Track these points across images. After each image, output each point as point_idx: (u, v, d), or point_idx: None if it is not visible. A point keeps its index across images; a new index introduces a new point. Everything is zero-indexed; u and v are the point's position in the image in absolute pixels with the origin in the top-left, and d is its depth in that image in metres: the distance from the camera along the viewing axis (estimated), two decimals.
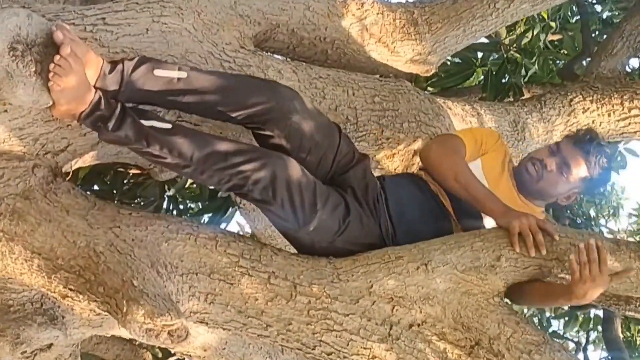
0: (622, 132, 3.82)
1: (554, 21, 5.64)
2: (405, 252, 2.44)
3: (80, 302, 2.33)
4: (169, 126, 2.37)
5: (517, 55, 5.11)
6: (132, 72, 2.28)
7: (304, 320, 2.36)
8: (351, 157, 2.67)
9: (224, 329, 2.42)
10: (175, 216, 3.51)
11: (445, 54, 3.66)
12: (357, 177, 2.64)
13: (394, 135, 3.15)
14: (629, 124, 3.80)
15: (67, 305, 2.51)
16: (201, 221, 5.19)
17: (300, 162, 2.48)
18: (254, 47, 2.95)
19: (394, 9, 3.42)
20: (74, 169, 2.64)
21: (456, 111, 3.49)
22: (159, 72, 2.32)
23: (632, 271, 2.38)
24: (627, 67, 4.18)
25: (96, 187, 4.51)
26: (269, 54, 3.15)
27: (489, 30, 3.69)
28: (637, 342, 7.31)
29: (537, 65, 5.26)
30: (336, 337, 2.36)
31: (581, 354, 6.85)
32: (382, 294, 2.37)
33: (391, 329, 2.35)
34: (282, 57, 3.29)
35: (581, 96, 3.82)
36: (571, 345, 7.07)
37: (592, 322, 6.34)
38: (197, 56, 2.61)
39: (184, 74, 2.36)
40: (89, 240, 2.31)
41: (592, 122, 3.75)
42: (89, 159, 2.63)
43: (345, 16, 3.23)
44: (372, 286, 2.38)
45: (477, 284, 2.40)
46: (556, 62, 5.89)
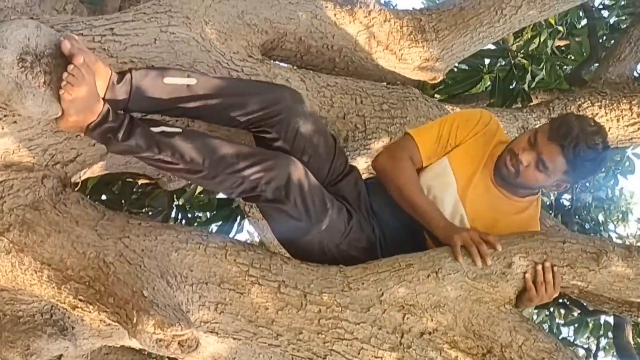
0: (631, 138, 3.80)
1: (561, 26, 5.63)
2: (415, 259, 2.43)
3: (90, 312, 2.33)
4: (179, 130, 2.37)
5: (525, 61, 5.10)
6: (141, 81, 2.28)
7: (314, 329, 2.35)
8: (344, 167, 2.70)
9: (234, 339, 2.41)
10: (184, 226, 3.51)
11: (452, 61, 3.65)
12: (349, 186, 2.67)
13: None
14: (638, 129, 3.79)
15: (77, 316, 2.51)
16: (210, 230, 5.21)
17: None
18: (261, 55, 2.96)
19: (401, 16, 3.42)
20: (82, 179, 2.64)
21: None
22: (168, 80, 2.32)
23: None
24: (635, 72, 4.16)
25: (105, 197, 4.51)
26: (276, 63, 3.15)
27: (496, 36, 3.69)
28: None
29: (544, 71, 5.24)
30: (347, 346, 2.35)
31: None
32: (393, 302, 2.36)
33: (402, 337, 2.34)
34: (289, 65, 3.29)
35: (589, 102, 3.81)
36: (581, 352, 7.03)
37: (603, 329, 6.30)
38: (205, 65, 2.61)
39: (193, 81, 2.36)
40: (98, 250, 2.31)
41: None
42: (97, 169, 2.64)
43: (352, 24, 3.23)
44: (382, 294, 2.37)
45: (488, 292, 2.39)
46: (563, 67, 5.88)
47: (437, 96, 5.20)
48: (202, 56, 2.63)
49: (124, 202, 4.46)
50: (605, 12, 5.82)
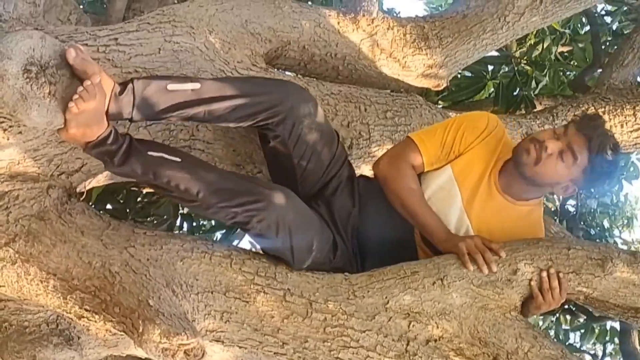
0: (635, 143, 3.79)
1: (565, 30, 5.63)
2: (420, 267, 2.44)
3: (96, 322, 2.33)
4: (178, 159, 2.37)
5: (528, 67, 5.10)
6: (144, 89, 2.27)
7: (320, 337, 2.35)
8: (340, 165, 2.70)
9: (240, 347, 2.41)
10: (189, 235, 3.51)
11: (456, 68, 3.65)
12: (341, 201, 2.68)
13: None
14: None
15: (83, 325, 2.50)
16: (214, 238, 5.21)
17: (298, 167, 2.58)
18: (265, 64, 2.96)
19: (405, 24, 3.42)
20: (87, 188, 2.65)
21: None
22: (172, 87, 2.31)
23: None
24: (639, 78, 4.15)
25: (110, 206, 4.51)
26: (280, 71, 3.16)
27: (499, 43, 3.69)
28: None
29: (548, 77, 5.24)
30: (353, 354, 2.35)
31: None
32: (399, 309, 2.37)
33: (408, 344, 2.34)
34: (293, 73, 3.29)
35: (593, 108, 3.79)
36: (588, 358, 7.01)
37: (609, 335, 6.27)
38: (209, 74, 2.62)
39: (197, 85, 2.35)
40: (104, 260, 2.32)
41: None
42: (102, 179, 2.64)
43: (355, 32, 3.23)
44: (388, 302, 2.37)
45: (494, 299, 2.40)
46: (567, 73, 5.88)
47: (441, 103, 5.20)
48: (206, 65, 2.63)
49: (129, 211, 4.46)
50: (608, 18, 5.81)
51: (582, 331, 6.22)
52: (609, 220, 7.01)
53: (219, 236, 5.13)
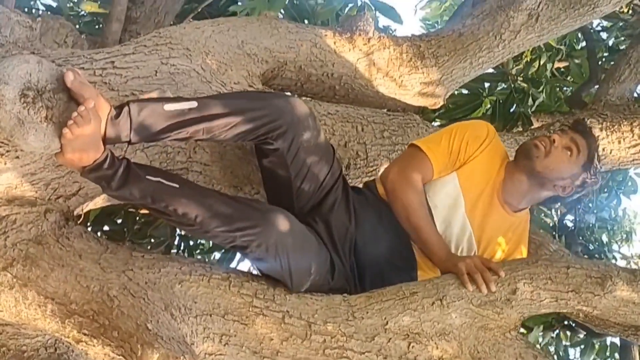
0: (632, 159, 3.80)
1: (561, 46, 5.65)
2: (419, 287, 2.43)
3: (94, 346, 2.32)
4: (175, 186, 2.37)
5: (525, 84, 5.11)
6: (140, 112, 2.25)
7: (319, 359, 2.34)
8: (336, 179, 2.69)
9: None
10: (187, 257, 3.51)
11: (453, 86, 3.66)
12: (339, 219, 2.67)
13: None
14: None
15: (81, 349, 2.48)
16: (212, 257, 5.21)
17: (295, 182, 2.57)
18: (262, 85, 2.97)
19: (401, 43, 3.43)
20: (85, 211, 2.64)
21: None
22: (168, 107, 2.29)
23: None
24: (635, 94, 4.16)
25: (107, 227, 4.51)
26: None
27: (495, 61, 3.70)
28: None
29: (544, 94, 5.26)
30: None
31: None
32: (398, 330, 2.35)
33: None
34: (290, 94, 3.30)
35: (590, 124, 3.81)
36: None
37: (609, 350, 6.26)
38: None
39: (194, 104, 2.33)
40: (102, 284, 2.31)
41: (603, 149, 3.73)
42: (100, 202, 2.64)
43: (352, 51, 3.24)
44: (387, 323, 2.36)
45: (494, 318, 2.39)
46: (564, 89, 5.89)
47: (437, 121, 5.22)
48: (203, 87, 2.63)
49: (126, 232, 4.46)
50: (604, 34, 5.84)
51: (582, 347, 6.22)
52: (607, 235, 7.01)
53: (217, 256, 5.12)
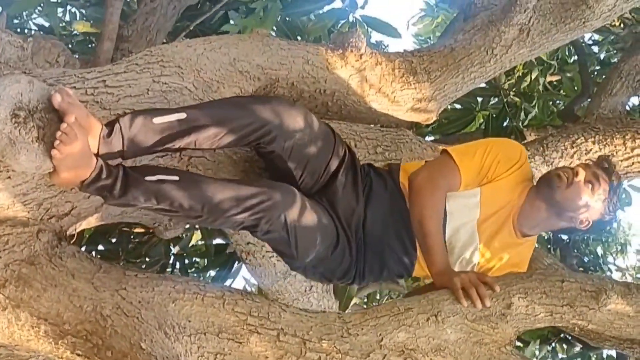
0: (626, 172, 3.80)
1: (553, 61, 5.67)
2: (414, 303, 2.42)
3: None
4: (176, 178, 2.36)
5: (517, 99, 5.13)
6: (131, 127, 2.26)
7: None
8: (341, 160, 2.73)
9: None
10: (181, 276, 3.50)
11: (445, 102, 3.66)
12: (345, 200, 2.72)
13: None
14: (633, 163, 3.79)
15: None
16: (207, 275, 5.19)
17: (297, 172, 2.63)
18: None
19: (393, 59, 3.43)
20: (78, 231, 2.63)
21: None
22: (158, 120, 2.30)
23: None
24: (628, 106, 4.17)
25: (102, 247, 4.50)
26: None
27: (487, 76, 3.70)
28: None
29: (537, 108, 5.27)
30: None
31: None
32: (393, 347, 2.34)
33: None
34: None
35: (583, 138, 3.81)
36: None
37: None
38: None
39: (182, 115, 2.35)
40: (95, 304, 2.30)
41: None
42: (93, 221, 2.63)
43: (344, 68, 3.24)
44: (382, 339, 2.35)
45: (489, 333, 2.38)
46: (556, 102, 5.91)
47: (431, 136, 5.23)
48: None
49: (121, 251, 4.45)
50: (595, 48, 5.87)
51: None
52: (602, 247, 7.02)
53: (212, 273, 5.10)
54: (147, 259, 4.57)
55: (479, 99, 5.27)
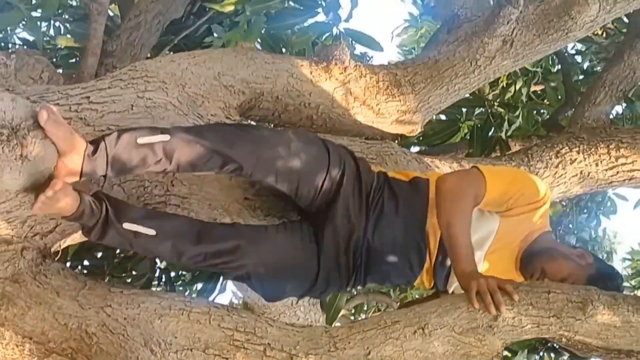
0: (610, 182, 3.81)
1: (537, 69, 5.69)
2: (401, 316, 2.41)
3: None
4: (152, 233, 2.42)
5: (501, 109, 5.14)
6: (115, 147, 2.26)
7: None
8: (337, 178, 2.67)
9: None
10: (167, 292, 3.49)
11: (430, 113, 3.67)
12: (345, 218, 2.68)
13: None
14: (617, 172, 3.80)
15: None
16: (194, 289, 5.17)
17: (290, 192, 2.62)
18: (239, 116, 2.97)
19: (377, 71, 3.44)
20: (62, 247, 2.62)
21: (444, 169, 3.49)
22: (142, 140, 2.30)
23: None
24: (611, 116, 4.19)
25: (87, 262, 4.47)
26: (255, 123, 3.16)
27: (472, 87, 3.71)
28: None
29: (521, 118, 5.29)
30: None
31: None
32: None
33: None
34: (268, 124, 3.29)
35: (567, 147, 3.82)
36: None
37: None
38: None
39: (166, 137, 2.34)
40: (80, 321, 2.29)
41: (580, 172, 3.75)
42: (78, 237, 2.62)
43: (328, 81, 3.24)
44: (369, 353, 2.34)
45: (476, 345, 2.37)
46: (540, 112, 5.93)
47: (416, 147, 5.23)
48: (180, 120, 2.63)
49: (106, 266, 4.42)
50: (578, 58, 5.90)
51: None
52: None
53: (200, 286, 5.08)
54: (133, 274, 4.55)
55: (464, 110, 5.28)
